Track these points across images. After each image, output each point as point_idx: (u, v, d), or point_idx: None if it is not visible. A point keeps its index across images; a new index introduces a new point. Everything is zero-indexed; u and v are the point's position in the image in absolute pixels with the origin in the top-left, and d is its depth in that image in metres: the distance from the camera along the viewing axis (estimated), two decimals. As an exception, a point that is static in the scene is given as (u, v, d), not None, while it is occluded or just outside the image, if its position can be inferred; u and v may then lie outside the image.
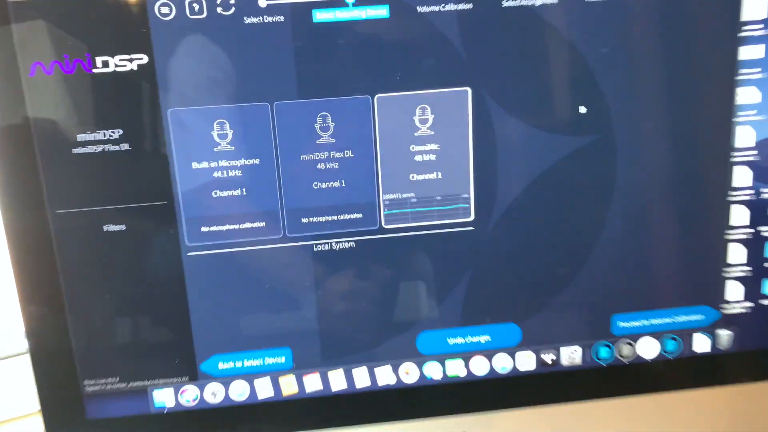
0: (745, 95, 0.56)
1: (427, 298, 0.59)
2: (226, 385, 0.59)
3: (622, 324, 0.61)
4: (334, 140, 0.55)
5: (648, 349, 0.62)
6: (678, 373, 0.63)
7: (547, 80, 0.55)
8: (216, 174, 0.54)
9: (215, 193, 0.55)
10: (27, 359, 0.57)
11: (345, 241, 0.57)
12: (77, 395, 0.58)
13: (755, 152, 0.58)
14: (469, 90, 0.54)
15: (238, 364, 0.59)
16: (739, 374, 0.63)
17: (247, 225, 0.56)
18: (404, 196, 0.56)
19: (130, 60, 0.52)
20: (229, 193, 0.55)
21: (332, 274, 0.58)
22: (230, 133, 0.54)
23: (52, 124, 0.52)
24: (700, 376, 0.63)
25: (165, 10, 0.51)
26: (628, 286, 0.60)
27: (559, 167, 0.56)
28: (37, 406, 0.58)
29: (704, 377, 0.63)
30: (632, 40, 0.55)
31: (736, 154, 0.58)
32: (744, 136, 0.57)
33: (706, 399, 0.64)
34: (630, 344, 0.62)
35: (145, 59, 0.52)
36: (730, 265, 0.60)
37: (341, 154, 0.55)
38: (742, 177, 0.58)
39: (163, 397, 0.59)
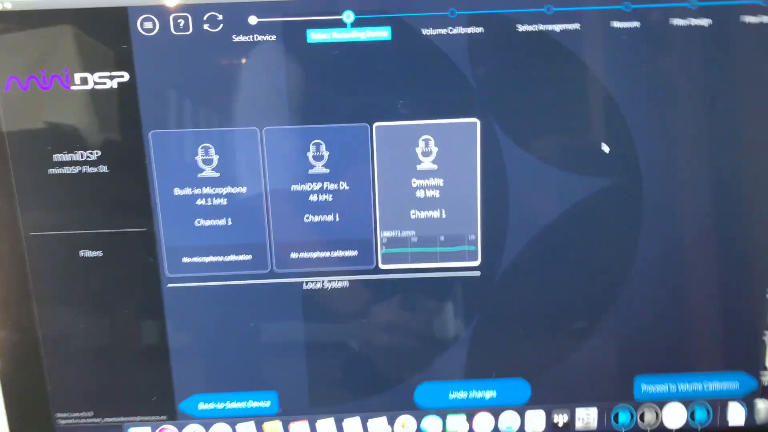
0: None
1: (427, 346, 0.53)
2: (207, 426, 0.55)
3: (646, 387, 0.54)
4: (328, 170, 0.50)
5: (674, 417, 0.55)
6: (709, 444, 0.56)
7: (566, 114, 0.49)
8: (199, 201, 0.50)
9: (198, 222, 0.50)
10: (-2, 388, 0.54)
11: (338, 280, 0.52)
12: (49, 428, 0.54)
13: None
14: (478, 122, 0.49)
15: (220, 406, 0.54)
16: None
17: (232, 257, 0.51)
18: (404, 234, 0.51)
19: (111, 77, 0.48)
20: (213, 222, 0.50)
21: (323, 315, 0.52)
22: (216, 158, 0.49)
23: (27, 142, 0.49)
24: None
25: (148, 25, 0.47)
26: (655, 346, 0.53)
27: (578, 211, 0.50)
28: (8, 437, 0.55)
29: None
30: (666, 72, 0.48)
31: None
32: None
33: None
34: (655, 410, 0.55)
35: (126, 77, 0.48)
36: (771, 328, 0.53)
37: (336, 186, 0.50)
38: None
39: (140, 436, 0.55)
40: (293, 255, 0.51)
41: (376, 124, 0.49)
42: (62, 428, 0.54)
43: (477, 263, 0.51)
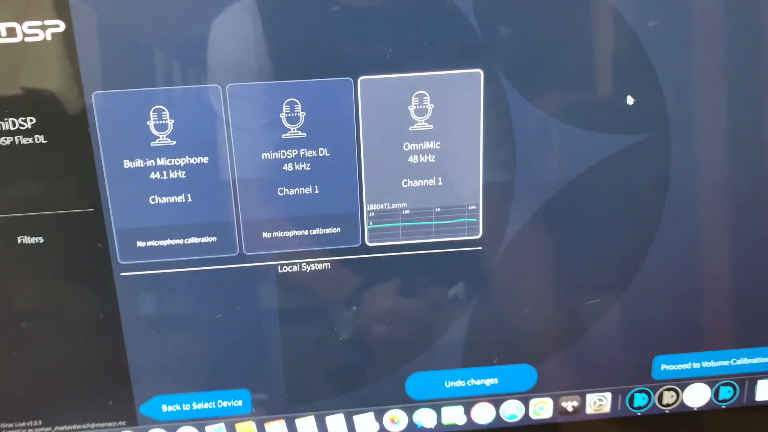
0: None
1: (420, 332, 0.46)
2: (172, 430, 0.48)
3: (666, 367, 0.48)
4: (304, 134, 0.42)
5: (697, 396, 0.49)
6: (730, 426, 0.50)
7: (583, 61, 0.41)
8: (153, 175, 0.42)
9: (153, 200, 0.42)
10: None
11: (318, 262, 0.44)
12: (-9, 440, 0.47)
13: None
14: (482, 72, 0.41)
15: (186, 407, 0.47)
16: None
17: (194, 240, 0.43)
18: (394, 206, 0.43)
19: (43, 27, 0.39)
20: (171, 199, 0.42)
21: (301, 302, 0.45)
22: (171, 123, 0.41)
23: (-57, 108, 0.40)
24: (759, 430, 0.51)
25: (84, -39, 0.38)
26: (678, 323, 0.47)
27: (596, 173, 0.43)
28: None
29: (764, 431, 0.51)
30: (699, 11, 0.41)
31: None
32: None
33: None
34: (675, 391, 0.49)
35: (61, 27, 0.39)
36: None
37: (314, 153, 0.42)
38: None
39: (97, 444, 0.48)
40: (265, 235, 0.43)
41: (361, 77, 0.41)
42: (5, 440, 0.47)
43: (478, 237, 0.44)
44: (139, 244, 0.43)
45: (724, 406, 0.50)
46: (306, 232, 0.44)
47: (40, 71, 0.40)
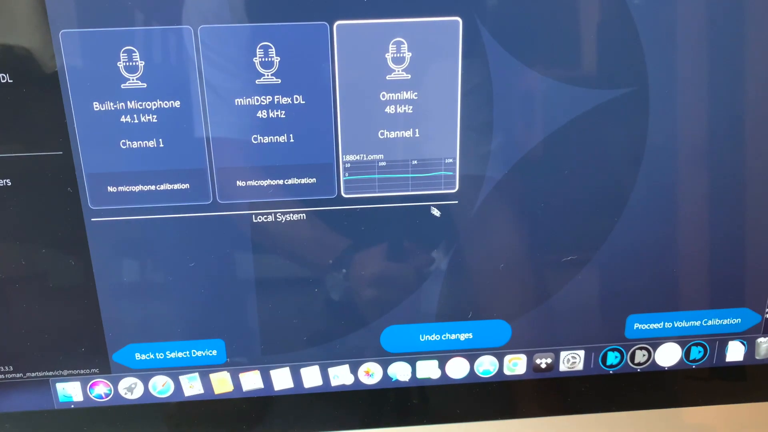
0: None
1: (395, 285, 0.45)
2: (145, 379, 0.46)
3: (639, 326, 0.47)
4: (279, 81, 0.39)
5: (668, 355, 0.48)
6: (700, 385, 0.49)
7: (564, 13, 0.39)
8: (124, 118, 0.39)
9: (124, 144, 0.40)
10: None
11: (293, 212, 0.42)
12: (-38, 385, 0.45)
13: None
14: (460, 21, 0.39)
15: (159, 356, 0.45)
16: (776, 389, 0.50)
17: (166, 186, 0.41)
18: (370, 158, 0.41)
19: (6, -40, 0.36)
20: (142, 143, 0.40)
21: (276, 253, 0.43)
22: (141, 64, 0.38)
23: None
24: (728, 390, 0.50)
25: None
26: (651, 282, 0.46)
27: (573, 127, 0.41)
28: None
29: (732, 391, 0.50)
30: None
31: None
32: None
33: (732, 416, 0.50)
34: (647, 350, 0.48)
35: (26, -39, 0.36)
36: (782, 262, 0.46)
37: (289, 100, 0.40)
38: (812, 151, 0.43)
39: (70, 391, 0.46)
40: (239, 183, 0.41)
41: (337, 22, 0.38)
42: (-24, 385, 0.45)
43: (454, 190, 0.42)
44: (111, 189, 0.41)
45: (694, 366, 0.49)
46: (281, 182, 0.42)
47: (4, 7, 0.38)
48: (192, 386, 0.46)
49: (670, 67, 0.40)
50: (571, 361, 0.48)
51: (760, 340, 0.48)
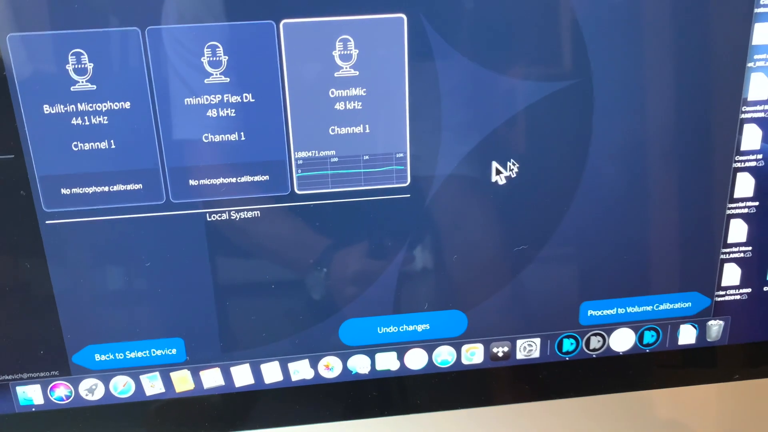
0: (765, 34, 0.41)
1: (352, 279, 0.44)
2: (106, 380, 0.45)
3: (592, 313, 0.47)
4: (227, 79, 0.39)
5: (622, 341, 0.48)
6: (655, 368, 0.49)
7: (506, 7, 0.39)
8: (75, 120, 0.39)
9: (76, 146, 0.39)
10: None
11: (247, 210, 0.42)
12: None
13: (770, 107, 0.43)
14: (405, 17, 0.39)
15: (119, 356, 0.45)
16: (727, 371, 0.50)
17: (119, 187, 0.40)
18: (322, 154, 0.41)
19: (-50, -35, 0.36)
20: (94, 145, 0.39)
21: (231, 251, 0.43)
22: (90, 67, 0.38)
23: None
24: (682, 373, 0.50)
25: None
26: (603, 269, 0.46)
27: (519, 120, 0.41)
28: None
29: (686, 374, 0.50)
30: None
31: (747, 108, 0.43)
32: (759, 87, 0.42)
33: (686, 399, 0.51)
34: (601, 336, 0.48)
35: (-31, -35, 0.36)
36: (729, 245, 0.46)
37: (238, 98, 0.39)
38: (751, 138, 0.43)
39: (31, 394, 0.45)
40: (192, 182, 0.41)
41: (283, 21, 0.38)
42: (-65, 390, 0.44)
43: (406, 184, 0.42)
44: (64, 191, 0.40)
45: (648, 350, 0.49)
46: (234, 180, 0.41)
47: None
48: (153, 385, 0.46)
49: (612, 60, 0.41)
50: (528, 348, 0.48)
51: (711, 322, 0.48)
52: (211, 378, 0.46)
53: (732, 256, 0.46)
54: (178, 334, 0.45)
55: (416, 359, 0.48)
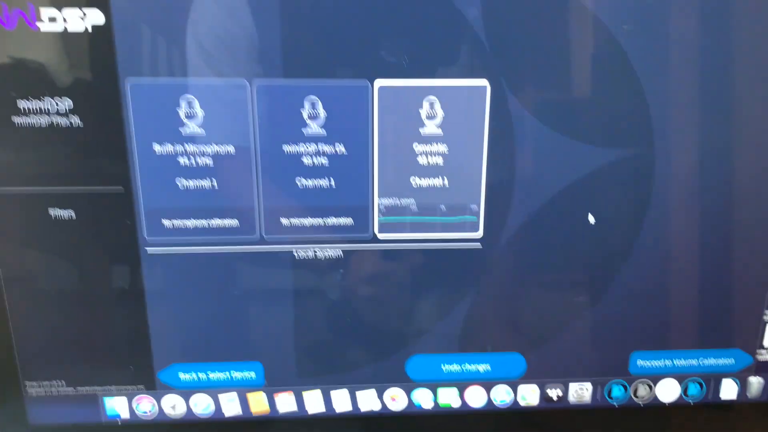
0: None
1: (421, 318, 0.47)
2: (187, 397, 0.49)
3: (641, 363, 0.50)
4: (323, 131, 0.42)
5: (668, 391, 0.50)
6: (698, 420, 0.52)
7: (582, 79, 0.42)
8: (182, 160, 0.43)
9: (180, 183, 0.43)
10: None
11: (331, 248, 0.45)
12: (18, 397, 0.47)
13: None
14: (488, 84, 0.42)
15: (201, 376, 0.48)
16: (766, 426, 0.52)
17: (217, 222, 0.44)
18: (403, 202, 0.44)
19: (83, 16, 0.40)
20: (197, 183, 0.43)
21: (314, 285, 0.46)
22: (200, 113, 0.42)
23: (-11, 88, 0.41)
24: (723, 426, 0.52)
25: (126, -41, 0.39)
26: (653, 322, 0.48)
27: (586, 183, 0.44)
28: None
29: (727, 427, 0.52)
30: (687, 45, 0.42)
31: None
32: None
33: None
34: (648, 385, 0.50)
35: (100, 17, 0.40)
36: (773, 308, 0.48)
37: (331, 149, 0.43)
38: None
39: (116, 406, 0.49)
40: (284, 221, 0.44)
41: (378, 81, 0.42)
42: (33, 398, 0.47)
43: (478, 235, 0.45)
44: (166, 223, 0.44)
45: (692, 402, 0.51)
46: (321, 222, 0.45)
47: (78, 57, 0.40)
48: (230, 406, 0.49)
49: (675, 130, 0.44)
50: (580, 393, 0.50)
51: (752, 378, 0.50)
52: (285, 402, 0.49)
53: (776, 317, 0.49)
54: (258, 358, 0.48)
55: (476, 397, 0.50)
